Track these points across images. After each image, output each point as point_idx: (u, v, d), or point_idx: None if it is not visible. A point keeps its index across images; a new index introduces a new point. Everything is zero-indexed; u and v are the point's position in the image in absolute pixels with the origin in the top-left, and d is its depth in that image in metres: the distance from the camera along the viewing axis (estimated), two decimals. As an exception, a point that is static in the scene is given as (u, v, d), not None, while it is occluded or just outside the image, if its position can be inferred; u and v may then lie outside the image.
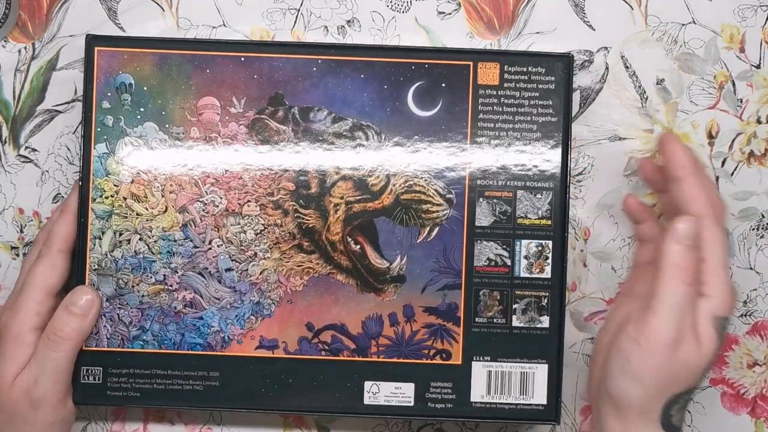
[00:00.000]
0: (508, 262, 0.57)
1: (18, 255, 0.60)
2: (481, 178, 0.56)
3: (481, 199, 0.56)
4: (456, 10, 0.60)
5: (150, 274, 0.56)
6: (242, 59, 0.56)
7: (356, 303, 0.57)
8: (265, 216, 0.56)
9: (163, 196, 0.56)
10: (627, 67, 0.60)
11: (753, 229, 0.60)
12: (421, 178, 0.56)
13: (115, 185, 0.56)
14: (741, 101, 0.60)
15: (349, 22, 0.59)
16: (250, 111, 0.56)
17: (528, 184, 0.56)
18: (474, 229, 0.56)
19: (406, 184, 0.56)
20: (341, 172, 0.56)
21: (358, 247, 0.57)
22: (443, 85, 0.56)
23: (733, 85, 0.60)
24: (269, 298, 0.56)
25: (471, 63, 0.56)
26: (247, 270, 0.56)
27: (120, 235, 0.56)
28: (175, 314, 0.56)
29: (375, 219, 0.56)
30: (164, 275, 0.56)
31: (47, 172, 0.60)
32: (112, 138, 0.56)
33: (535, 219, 0.57)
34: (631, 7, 0.59)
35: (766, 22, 0.60)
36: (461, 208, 0.56)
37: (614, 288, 0.60)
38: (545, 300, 0.56)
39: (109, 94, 0.56)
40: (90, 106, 0.56)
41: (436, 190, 0.56)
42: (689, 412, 0.60)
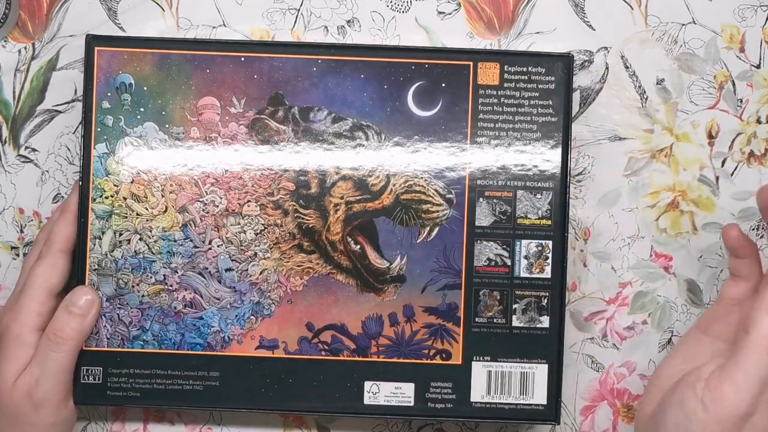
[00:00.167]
0: (508, 262, 0.57)
1: (18, 255, 0.60)
2: (481, 178, 0.56)
3: (481, 199, 0.56)
4: (456, 10, 0.60)
5: (150, 274, 0.56)
6: (242, 59, 0.56)
7: (356, 303, 0.57)
8: (265, 216, 0.56)
9: (163, 196, 0.56)
10: (627, 67, 0.60)
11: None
12: (421, 178, 0.56)
13: (115, 185, 0.56)
14: (741, 101, 0.60)
15: (349, 22, 0.59)
16: (250, 111, 0.56)
17: (528, 184, 0.56)
18: (474, 229, 0.56)
19: (406, 184, 0.56)
20: (341, 172, 0.56)
21: (358, 247, 0.56)
22: (443, 85, 0.56)
23: (733, 85, 0.60)
24: (269, 298, 0.56)
25: (471, 63, 0.56)
26: (247, 270, 0.56)
27: (120, 235, 0.56)
28: (175, 314, 0.56)
29: (375, 219, 0.56)
30: (164, 275, 0.56)
31: (47, 172, 0.60)
32: (112, 138, 0.56)
33: (535, 219, 0.57)
34: (631, 7, 0.59)
35: (766, 22, 0.60)
36: (461, 208, 0.56)
37: (614, 288, 0.60)
38: (545, 300, 0.56)
39: (109, 94, 0.56)
40: (90, 106, 0.56)
41: (436, 190, 0.56)
42: None
